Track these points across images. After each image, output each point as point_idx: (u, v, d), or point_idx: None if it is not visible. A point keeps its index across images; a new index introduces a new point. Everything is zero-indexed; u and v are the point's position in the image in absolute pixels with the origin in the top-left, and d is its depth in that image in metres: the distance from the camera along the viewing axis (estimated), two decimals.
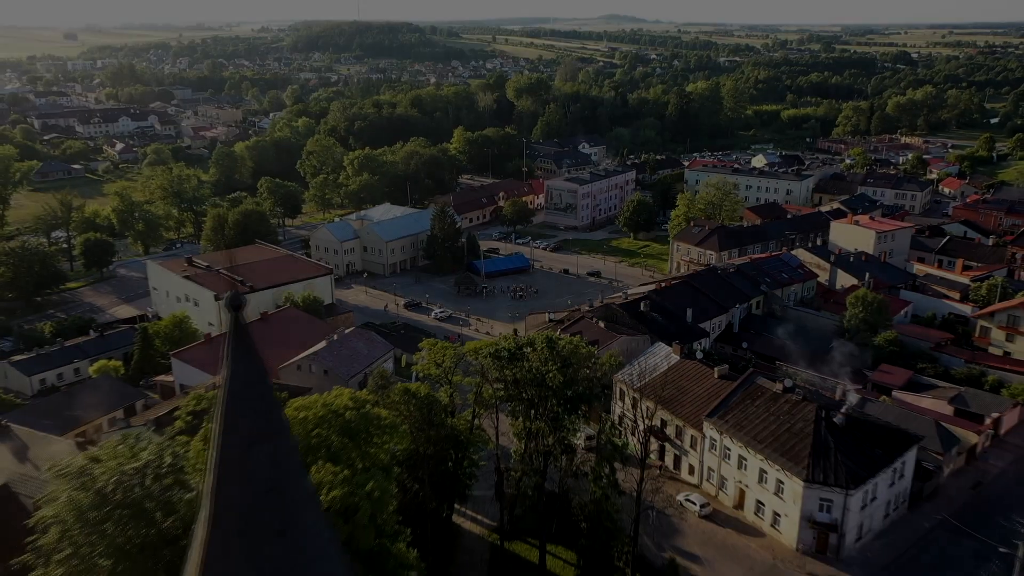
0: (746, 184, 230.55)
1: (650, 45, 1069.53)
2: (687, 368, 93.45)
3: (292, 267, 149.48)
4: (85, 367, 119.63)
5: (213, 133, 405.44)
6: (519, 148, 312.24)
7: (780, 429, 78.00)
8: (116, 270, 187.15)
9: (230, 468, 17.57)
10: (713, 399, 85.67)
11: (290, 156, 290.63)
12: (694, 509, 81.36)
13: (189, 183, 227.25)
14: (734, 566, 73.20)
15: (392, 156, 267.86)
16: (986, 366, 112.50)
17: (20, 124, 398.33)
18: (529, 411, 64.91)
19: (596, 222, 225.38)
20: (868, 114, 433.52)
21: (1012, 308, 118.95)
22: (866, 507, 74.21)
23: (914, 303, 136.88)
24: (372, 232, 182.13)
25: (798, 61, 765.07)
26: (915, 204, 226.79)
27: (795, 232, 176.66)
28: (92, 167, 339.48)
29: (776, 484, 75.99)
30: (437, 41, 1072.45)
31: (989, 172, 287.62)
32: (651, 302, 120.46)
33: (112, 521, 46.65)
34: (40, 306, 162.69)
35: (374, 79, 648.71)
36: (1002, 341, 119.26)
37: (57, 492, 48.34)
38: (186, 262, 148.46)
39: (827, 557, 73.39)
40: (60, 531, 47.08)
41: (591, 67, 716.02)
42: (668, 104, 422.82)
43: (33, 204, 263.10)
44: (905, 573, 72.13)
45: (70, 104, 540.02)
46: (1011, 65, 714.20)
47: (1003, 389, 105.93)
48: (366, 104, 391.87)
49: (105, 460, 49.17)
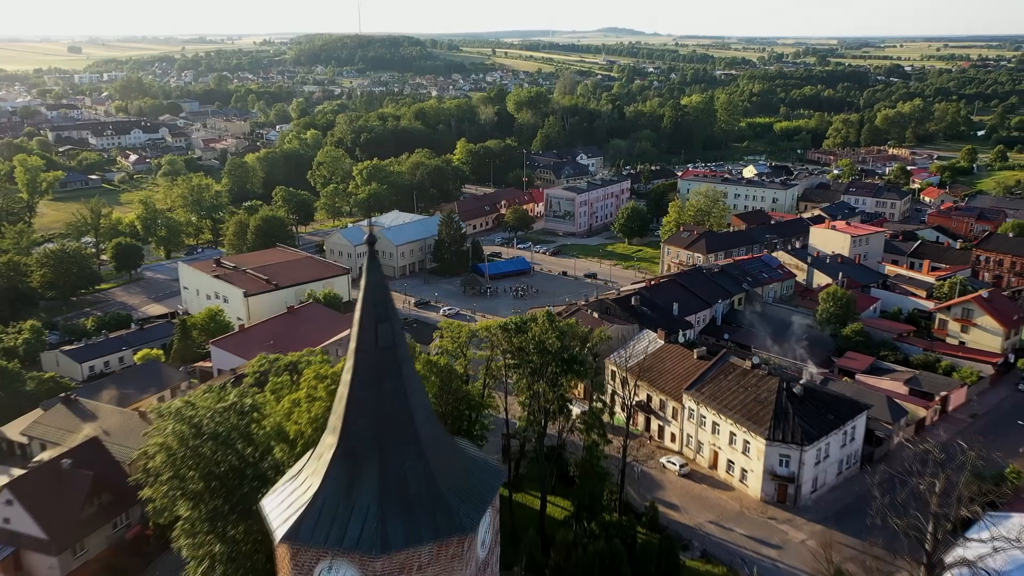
0: (734, 193, 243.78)
1: (648, 58, 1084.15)
2: (670, 351, 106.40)
3: (312, 267, 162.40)
4: (128, 356, 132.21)
5: (223, 145, 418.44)
6: (519, 159, 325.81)
7: (748, 398, 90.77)
8: (143, 273, 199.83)
9: (365, 336, 30.36)
10: (692, 375, 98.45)
11: (299, 167, 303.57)
12: (674, 468, 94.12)
13: (208, 192, 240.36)
14: (707, 512, 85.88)
15: (399, 167, 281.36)
16: (942, 353, 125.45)
17: (36, 136, 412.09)
18: (532, 376, 77.64)
19: (593, 228, 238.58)
20: (858, 126, 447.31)
21: (966, 302, 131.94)
22: (820, 463, 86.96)
23: (883, 300, 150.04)
24: (383, 237, 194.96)
25: (792, 74, 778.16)
26: (895, 212, 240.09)
27: (777, 236, 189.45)
28: (108, 177, 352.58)
29: (743, 444, 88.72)
30: (438, 54, 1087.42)
31: (968, 182, 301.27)
32: (641, 297, 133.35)
33: (206, 448, 59.18)
34: (76, 305, 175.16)
35: (377, 92, 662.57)
36: (958, 332, 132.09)
37: (161, 426, 60.89)
38: (215, 263, 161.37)
39: (786, 505, 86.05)
40: (165, 456, 59.46)
41: (589, 80, 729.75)
42: (664, 117, 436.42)
43: (55, 213, 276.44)
44: (852, 518, 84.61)
45: (81, 117, 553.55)
46: (1001, 78, 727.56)
47: (954, 372, 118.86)
48: (371, 117, 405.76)
49: (198, 403, 61.83)
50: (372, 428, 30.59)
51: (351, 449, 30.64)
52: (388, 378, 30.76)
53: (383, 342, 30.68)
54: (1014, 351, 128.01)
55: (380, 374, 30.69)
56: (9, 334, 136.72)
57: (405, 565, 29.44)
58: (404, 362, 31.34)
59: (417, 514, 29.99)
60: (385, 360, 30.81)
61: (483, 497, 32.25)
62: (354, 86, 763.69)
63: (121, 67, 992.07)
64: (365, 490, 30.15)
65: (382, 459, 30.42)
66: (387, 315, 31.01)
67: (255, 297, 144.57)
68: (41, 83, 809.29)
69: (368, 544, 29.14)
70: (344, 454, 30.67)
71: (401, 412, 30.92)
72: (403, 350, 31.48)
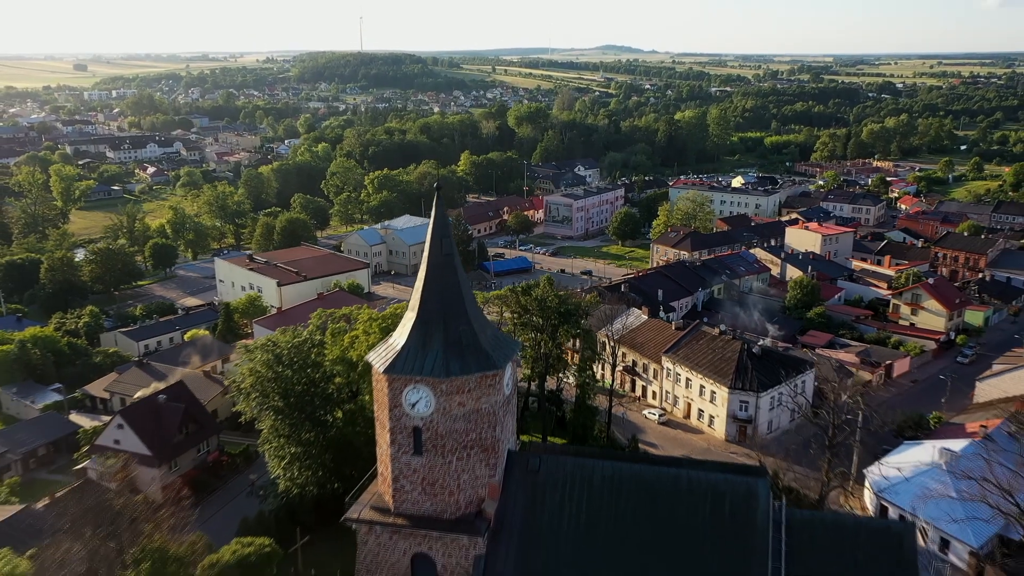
0: (720, 199, 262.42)
1: (645, 75, 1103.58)
2: (652, 323, 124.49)
3: (335, 262, 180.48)
4: (178, 336, 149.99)
5: (236, 158, 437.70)
6: (520, 170, 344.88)
7: (715, 358, 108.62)
8: (176, 271, 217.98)
9: (434, 248, 48.41)
10: (670, 342, 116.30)
11: (311, 178, 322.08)
12: (654, 418, 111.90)
13: (231, 199, 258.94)
14: (680, 449, 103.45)
15: (407, 176, 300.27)
16: (892, 332, 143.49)
17: (56, 150, 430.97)
18: (537, 332, 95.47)
19: (589, 232, 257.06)
20: (844, 140, 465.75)
21: (915, 288, 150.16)
22: (773, 408, 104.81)
23: (847, 290, 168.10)
24: (396, 238, 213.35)
25: (786, 91, 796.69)
26: (869, 217, 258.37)
27: (756, 236, 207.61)
28: (129, 188, 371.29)
29: (711, 395, 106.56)
30: (439, 72, 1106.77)
31: (943, 191, 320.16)
32: (630, 285, 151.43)
33: (286, 373, 77.01)
34: (119, 298, 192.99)
35: (381, 108, 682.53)
36: (908, 315, 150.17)
37: (250, 356, 78.76)
38: (248, 259, 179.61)
39: (745, 443, 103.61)
40: (254, 379, 77.21)
41: (587, 97, 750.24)
42: (658, 131, 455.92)
43: (82, 220, 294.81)
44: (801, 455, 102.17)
45: (95, 132, 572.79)
46: (989, 95, 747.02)
47: (901, 347, 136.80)
48: (379, 131, 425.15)
49: (279, 339, 79.74)
50: (438, 305, 48.73)
51: (424, 319, 48.78)
52: (448, 274, 48.89)
53: (445, 251, 48.92)
54: (956, 330, 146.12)
55: (443, 272, 48.84)
56: (71, 318, 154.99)
57: (460, 387, 47.53)
58: (458, 266, 49.52)
59: (467, 356, 48.03)
60: (446, 263, 49.02)
61: (507, 353, 50.43)
62: (358, 102, 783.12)
63: (128, 84, 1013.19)
64: (435, 342, 48.31)
65: (444, 324, 48.57)
66: (447, 235, 49.18)
67: (287, 287, 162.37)
68: (52, 100, 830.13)
69: (438, 372, 47.27)
70: (420, 322, 48.82)
71: (456, 296, 49.12)
72: (457, 258, 49.69)
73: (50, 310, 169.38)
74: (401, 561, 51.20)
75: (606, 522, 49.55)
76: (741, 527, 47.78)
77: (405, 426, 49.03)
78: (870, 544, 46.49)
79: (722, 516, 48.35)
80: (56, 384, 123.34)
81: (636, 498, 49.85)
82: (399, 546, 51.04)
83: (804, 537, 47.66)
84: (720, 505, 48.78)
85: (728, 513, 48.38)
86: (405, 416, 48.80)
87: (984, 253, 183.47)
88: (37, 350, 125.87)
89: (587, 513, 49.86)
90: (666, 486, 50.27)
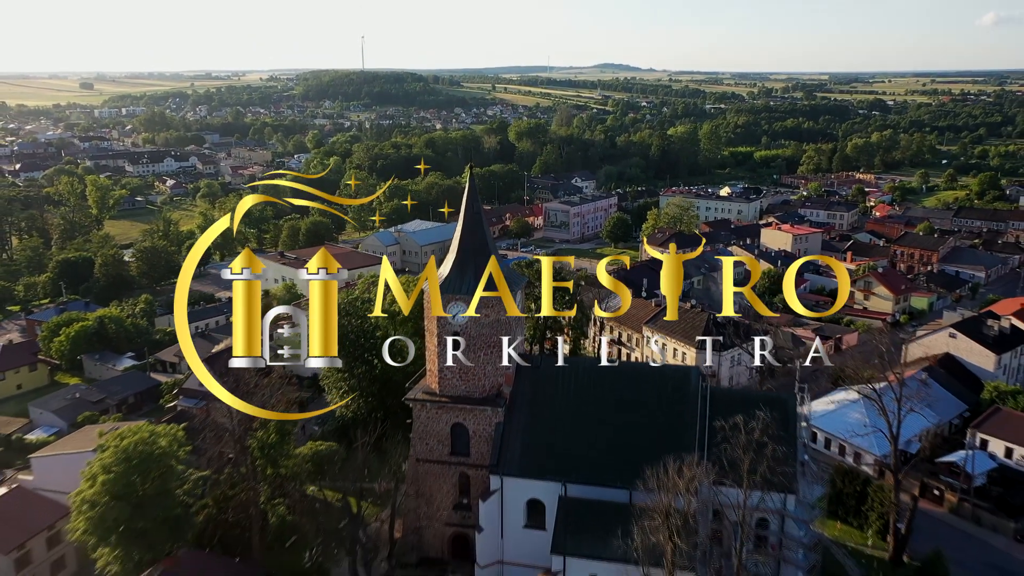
0: (705, 206, 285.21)
1: (641, 93, 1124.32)
2: (636, 302, 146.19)
3: (358, 258, 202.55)
4: (222, 320, 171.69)
5: (250, 171, 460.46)
6: (520, 182, 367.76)
7: (687, 326, 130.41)
8: (208, 269, 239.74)
9: (469, 208, 70.40)
10: (650, 315, 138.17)
11: (324, 189, 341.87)
12: None
13: (256, 205, 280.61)
14: None
15: (415, 186, 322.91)
16: (845, 314, 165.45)
17: (80, 164, 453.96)
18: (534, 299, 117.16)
19: (585, 236, 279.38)
20: (830, 154, 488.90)
21: (867, 277, 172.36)
22: (734, 367, 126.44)
23: (811, 281, 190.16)
24: (409, 239, 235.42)
25: (778, 108, 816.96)
26: (843, 222, 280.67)
27: (735, 237, 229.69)
28: (151, 200, 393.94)
29: (682, 356, 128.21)
30: (440, 89, 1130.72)
31: (916, 200, 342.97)
32: (619, 276, 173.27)
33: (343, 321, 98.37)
34: (160, 292, 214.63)
35: (385, 125, 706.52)
36: (861, 300, 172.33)
37: None
38: (279, 255, 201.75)
39: None
40: None
41: (585, 114, 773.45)
42: (652, 146, 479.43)
43: (110, 229, 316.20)
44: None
45: (112, 148, 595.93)
46: (975, 112, 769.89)
47: (852, 325, 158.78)
48: (386, 146, 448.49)
49: None
50: (471, 245, 70.56)
51: (462, 255, 70.58)
52: (477, 227, 70.81)
53: (475, 209, 70.82)
54: (903, 312, 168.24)
55: (475, 224, 70.76)
56: (127, 305, 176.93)
57: (486, 302, 69.20)
58: (484, 220, 71.36)
59: (491, 281, 69.64)
60: (475, 220, 70.94)
61: (518, 282, 72.18)
62: (362, 119, 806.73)
63: (136, 102, 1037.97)
64: (468, 271, 69.97)
65: (475, 258, 70.24)
66: (476, 199, 71.17)
67: None
68: (65, 117, 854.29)
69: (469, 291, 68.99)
70: (459, 257, 70.63)
71: (483, 241, 70.90)
72: (483, 215, 71.59)
73: (104, 301, 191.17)
74: (444, 429, 73.11)
75: (588, 400, 71.29)
76: (680, 396, 69.77)
77: (449, 331, 70.77)
78: (766, 406, 67.81)
79: (667, 390, 70.43)
80: (129, 352, 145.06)
81: (610, 383, 71.75)
82: (443, 418, 72.92)
83: (721, 403, 69.25)
84: (665, 384, 70.90)
85: (671, 389, 70.48)
86: (448, 324, 70.55)
87: (936, 250, 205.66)
88: (112, 325, 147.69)
89: (575, 393, 71.67)
90: (630, 375, 72.56)
